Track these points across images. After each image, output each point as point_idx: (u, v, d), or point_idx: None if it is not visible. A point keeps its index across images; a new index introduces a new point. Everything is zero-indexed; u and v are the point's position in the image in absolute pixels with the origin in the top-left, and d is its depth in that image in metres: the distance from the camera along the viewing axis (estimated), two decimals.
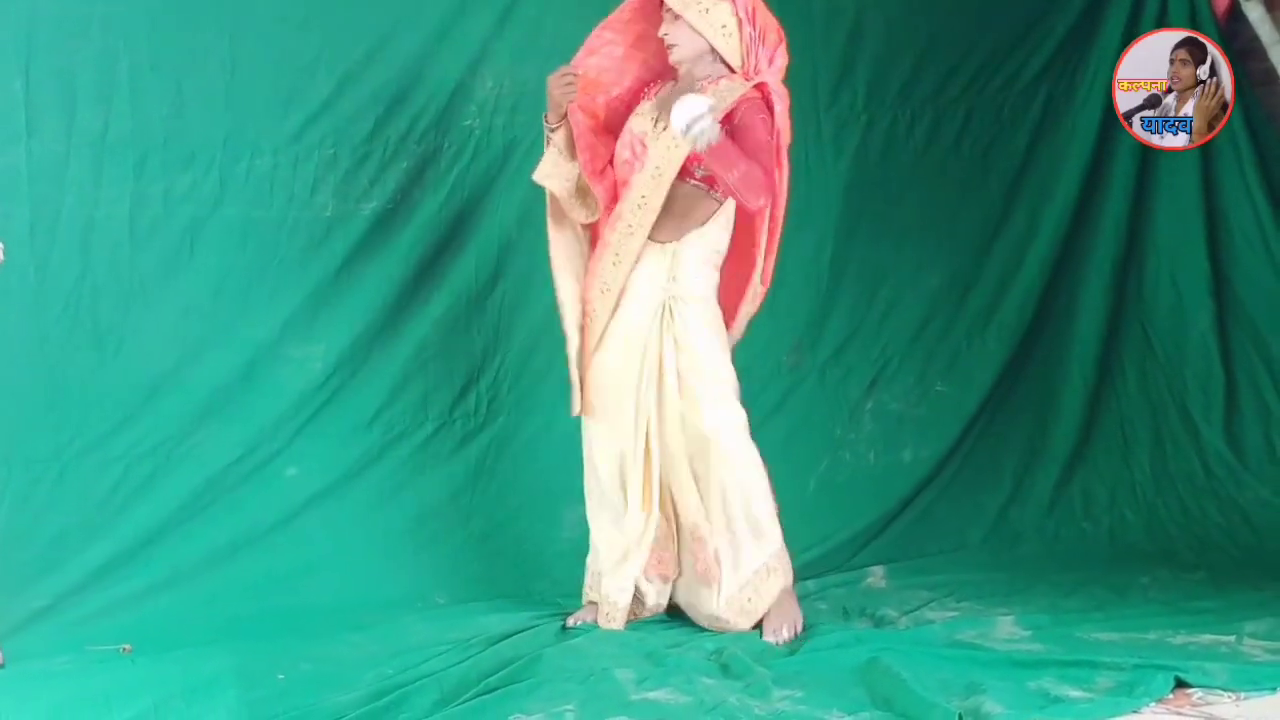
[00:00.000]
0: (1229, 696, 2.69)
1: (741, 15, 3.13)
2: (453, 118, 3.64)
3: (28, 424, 3.33)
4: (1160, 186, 4.29)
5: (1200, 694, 2.71)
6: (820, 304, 4.04)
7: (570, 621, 3.27)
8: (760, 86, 3.13)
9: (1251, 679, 2.76)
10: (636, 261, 3.16)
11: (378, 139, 3.57)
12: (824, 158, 4.04)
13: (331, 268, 3.56)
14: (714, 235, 3.21)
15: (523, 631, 3.19)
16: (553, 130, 3.21)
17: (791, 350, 3.92)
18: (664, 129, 3.10)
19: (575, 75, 3.16)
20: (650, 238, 3.16)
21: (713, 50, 3.15)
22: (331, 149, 3.54)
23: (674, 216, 3.16)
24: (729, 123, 3.07)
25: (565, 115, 3.18)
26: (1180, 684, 2.74)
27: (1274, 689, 2.72)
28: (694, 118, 2.92)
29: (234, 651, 3.03)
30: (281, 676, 2.89)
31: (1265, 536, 3.94)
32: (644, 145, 3.16)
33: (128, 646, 3.11)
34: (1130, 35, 4.20)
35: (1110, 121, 4.24)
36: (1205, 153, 4.22)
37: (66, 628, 3.19)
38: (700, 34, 3.12)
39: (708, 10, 3.11)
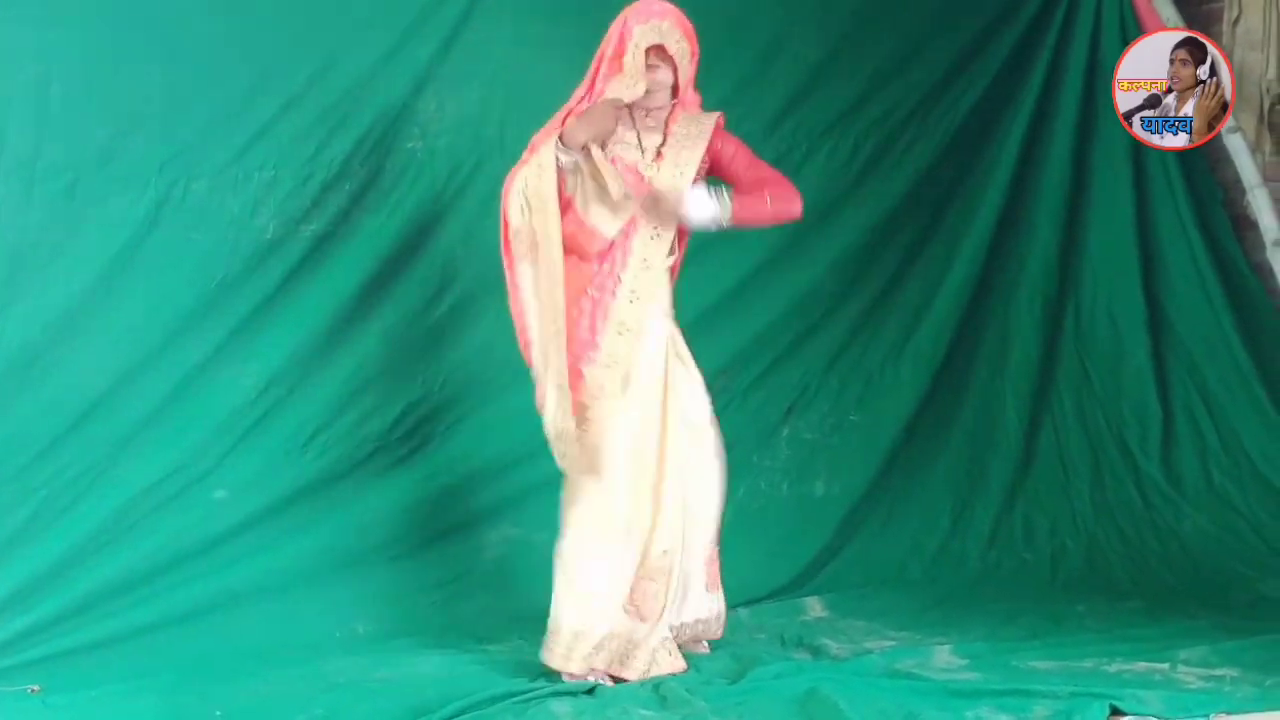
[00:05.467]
0: None
1: (694, 46, 3.10)
2: (395, 139, 3.61)
3: None
4: (1093, 221, 4.35)
5: None
6: (751, 327, 4.04)
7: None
8: (719, 118, 3.12)
9: (1184, 706, 2.78)
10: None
11: (320, 160, 3.53)
12: None
13: (271, 289, 3.50)
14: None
15: (453, 667, 3.14)
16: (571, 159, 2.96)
17: (723, 371, 3.91)
18: (655, 160, 3.06)
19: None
20: None
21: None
22: (272, 171, 3.49)
23: None
24: (713, 156, 3.07)
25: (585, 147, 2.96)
26: (1115, 712, 2.75)
27: (1206, 715, 2.74)
28: (712, 215, 2.98)
29: (152, 692, 2.94)
30: (219, 713, 2.82)
31: (1202, 564, 3.98)
32: (639, 174, 3.08)
33: (35, 687, 2.96)
34: (1055, 77, 4.27)
35: (1035, 158, 4.29)
36: (1139, 186, 4.28)
37: None
38: (677, 73, 3.07)
39: (686, 51, 3.07)
